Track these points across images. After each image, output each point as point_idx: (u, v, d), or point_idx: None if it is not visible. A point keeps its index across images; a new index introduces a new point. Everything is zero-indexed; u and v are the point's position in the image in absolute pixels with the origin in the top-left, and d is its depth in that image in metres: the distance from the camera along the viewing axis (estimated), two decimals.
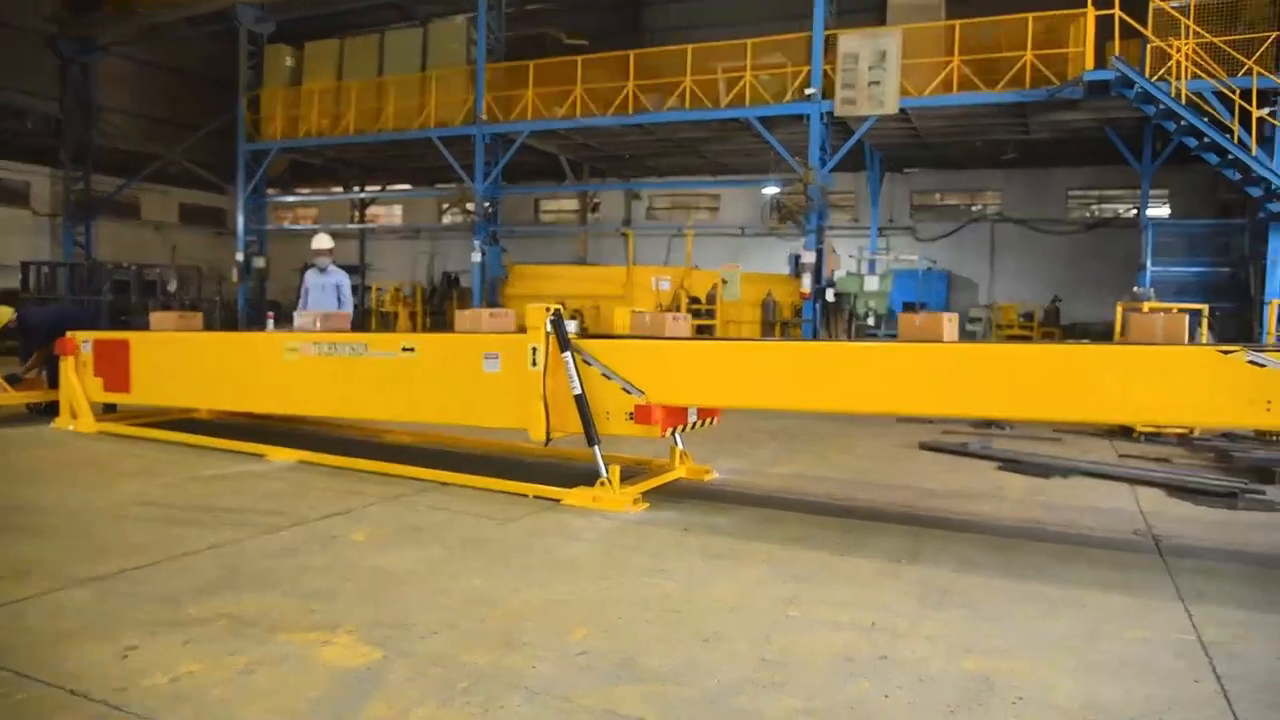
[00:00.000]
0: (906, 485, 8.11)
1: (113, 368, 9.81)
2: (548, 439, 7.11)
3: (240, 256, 24.36)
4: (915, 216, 24.96)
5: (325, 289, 10.80)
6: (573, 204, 28.93)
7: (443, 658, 3.94)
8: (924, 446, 10.18)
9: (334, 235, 11.50)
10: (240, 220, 24.43)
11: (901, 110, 16.98)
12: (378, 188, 29.77)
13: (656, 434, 6.81)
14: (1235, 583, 5.43)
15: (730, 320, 18.34)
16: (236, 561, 5.28)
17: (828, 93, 17.38)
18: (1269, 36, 14.46)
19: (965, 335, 21.11)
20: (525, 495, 7.05)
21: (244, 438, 9.17)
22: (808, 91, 17.56)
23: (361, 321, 22.56)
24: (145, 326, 10.75)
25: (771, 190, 19.05)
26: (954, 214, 24.84)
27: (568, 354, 6.93)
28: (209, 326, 13.49)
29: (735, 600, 4.82)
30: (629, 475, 7.46)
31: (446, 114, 21.25)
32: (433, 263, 25.09)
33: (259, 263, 24.37)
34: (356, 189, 29.05)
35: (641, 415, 6.71)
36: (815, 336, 17.07)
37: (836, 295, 17.41)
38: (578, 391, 6.88)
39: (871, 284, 17.20)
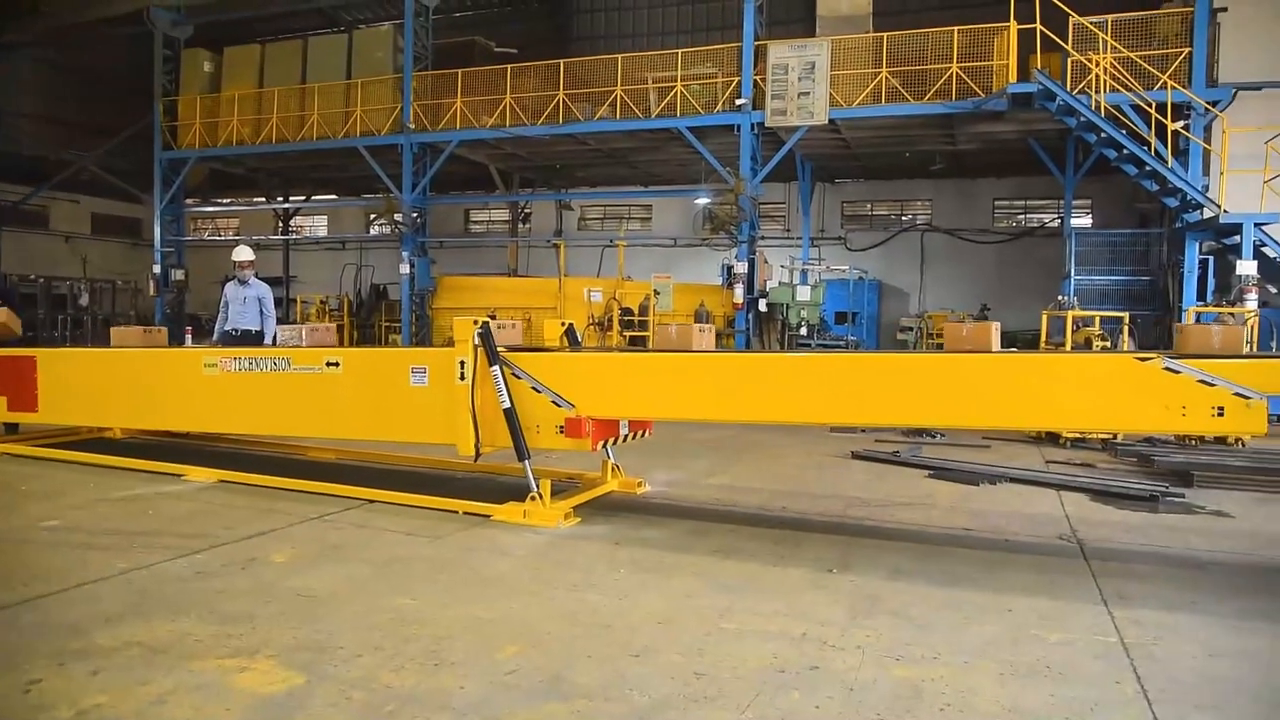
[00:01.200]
0: (838, 494, 8.16)
1: (17, 385, 9.38)
2: (477, 454, 6.99)
3: (157, 269, 23.61)
4: (846, 226, 25.33)
5: (246, 302, 10.51)
6: (503, 214, 28.73)
7: (367, 680, 3.82)
8: (856, 456, 10.28)
9: (257, 247, 11.23)
10: (157, 231, 23.69)
11: (831, 121, 17.21)
12: (302, 198, 29.20)
13: (587, 447, 6.74)
14: (1155, 584, 5.55)
15: None
16: (149, 586, 5.06)
17: (758, 103, 17.53)
18: (1182, 52, 15.00)
19: (896, 344, 21.49)
20: (455, 511, 6.92)
21: (159, 457, 8.84)
22: (738, 102, 17.69)
23: None
24: (56, 343, 10.32)
25: (703, 200, 19.14)
26: (884, 224, 25.28)
27: (496, 368, 6.82)
28: None
29: (666, 613, 4.77)
30: (560, 489, 7.38)
31: (373, 122, 20.93)
32: (360, 275, 24.64)
33: (177, 275, 23.65)
34: (280, 199, 28.43)
35: (572, 428, 6.64)
36: (748, 347, 17.17)
37: (769, 305, 17.54)
38: (507, 405, 6.77)
39: (803, 294, 17.37)
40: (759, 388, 6.35)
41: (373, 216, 28.87)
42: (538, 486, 6.75)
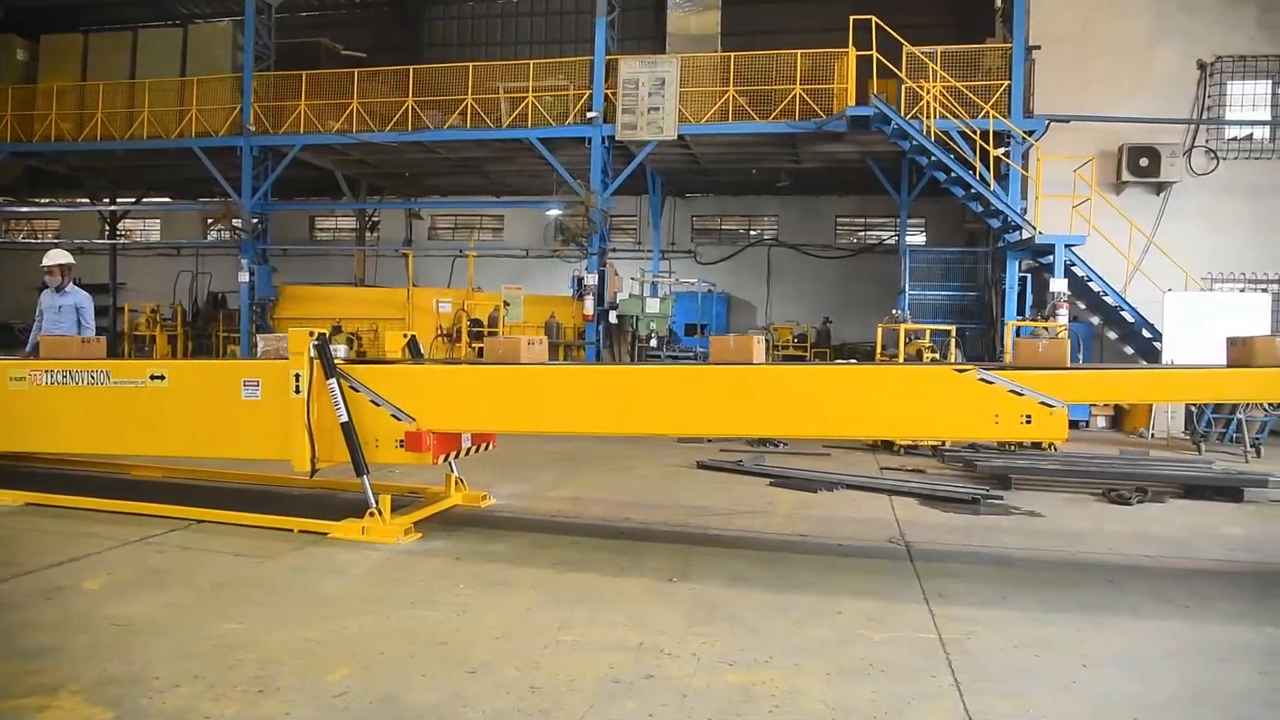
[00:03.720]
0: (681, 504, 8.31)
1: None
2: (313, 470, 6.76)
3: None
4: (696, 240, 25.87)
5: (63, 311, 9.79)
6: (350, 222, 27.85)
7: (184, 712, 3.63)
8: (701, 466, 10.49)
9: (79, 251, 10.49)
10: None
11: (681, 137, 17.57)
12: (132, 199, 27.46)
13: (428, 461, 6.63)
14: (973, 582, 5.91)
15: None
16: None
17: (609, 117, 17.70)
18: (1002, 84, 16.07)
19: None
20: (290, 530, 6.67)
21: None
22: (589, 115, 17.81)
23: (112, 346, 20.67)
24: None
25: (555, 212, 19.15)
26: (733, 238, 25.94)
27: (333, 380, 6.63)
28: None
29: (505, 628, 4.74)
30: (402, 505, 7.23)
31: (210, 123, 19.95)
32: (196, 282, 23.42)
33: None
34: (106, 200, 26.65)
35: (412, 442, 6.51)
36: (598, 358, 17.28)
37: (619, 317, 17.71)
38: (344, 419, 6.59)
39: (653, 306, 17.61)
40: (602, 400, 6.41)
41: (210, 221, 27.50)
42: (377, 502, 6.59)
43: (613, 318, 17.63)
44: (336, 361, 6.79)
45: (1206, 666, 4.48)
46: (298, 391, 6.70)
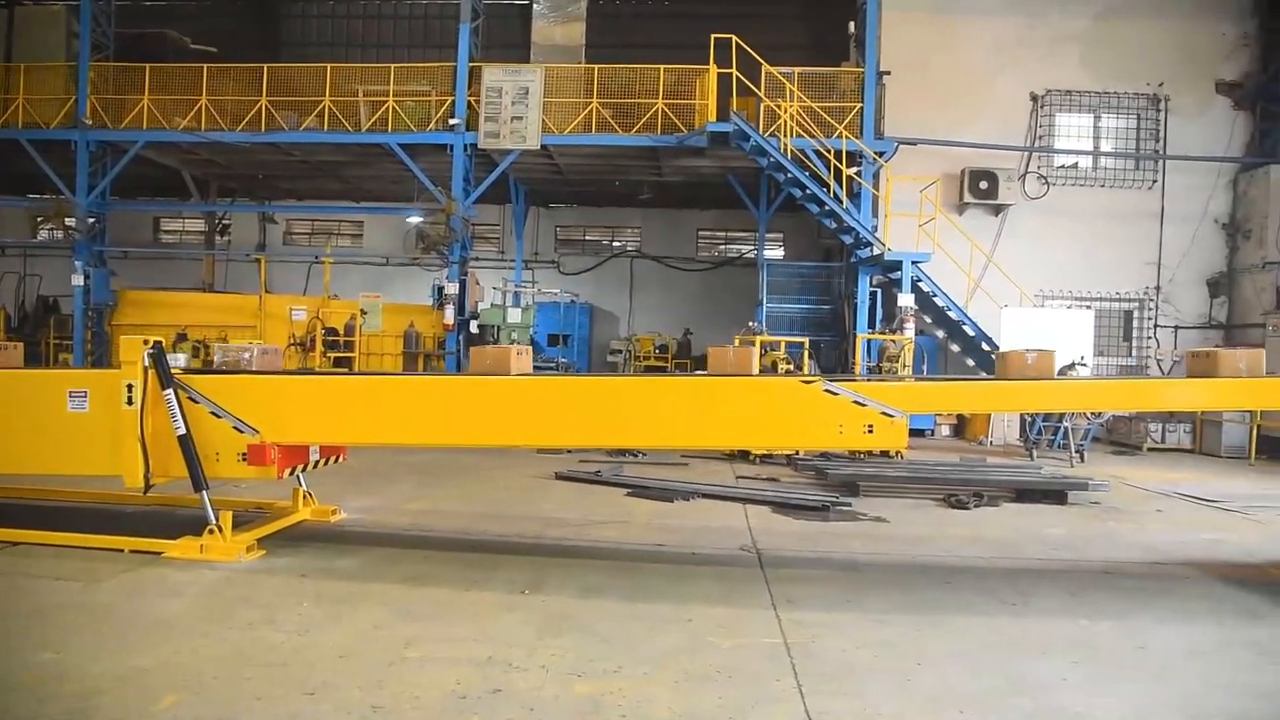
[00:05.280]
0: (538, 515, 8.27)
1: None
2: (147, 486, 6.40)
3: None
4: (560, 250, 25.82)
5: None
6: (199, 225, 26.52)
7: None
8: (559, 476, 10.47)
9: None
10: None
11: (544, 147, 17.52)
12: None
13: (273, 475, 6.37)
14: (819, 586, 6.11)
15: (371, 353, 17.77)
16: None
17: (472, 124, 17.49)
18: (855, 107, 16.74)
19: (606, 366, 22.16)
20: (120, 550, 6.30)
21: None
22: (451, 122, 17.57)
23: None
24: None
25: (415, 219, 18.77)
26: (596, 249, 26.01)
27: (170, 391, 6.30)
28: None
29: (349, 646, 4.61)
30: (246, 520, 6.94)
31: (40, 114, 18.61)
32: (23, 285, 21.83)
33: None
34: None
35: (255, 455, 6.25)
36: (459, 369, 17.03)
37: (480, 327, 17.50)
38: (182, 431, 6.27)
39: (515, 316, 17.48)
40: (457, 411, 6.32)
41: (40, 220, 25.70)
42: (217, 518, 6.29)
43: (474, 327, 17.42)
44: (174, 371, 6.46)
45: (1028, 658, 4.77)
46: (130, 403, 6.34)
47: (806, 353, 15.24)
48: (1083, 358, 14.45)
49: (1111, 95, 18.32)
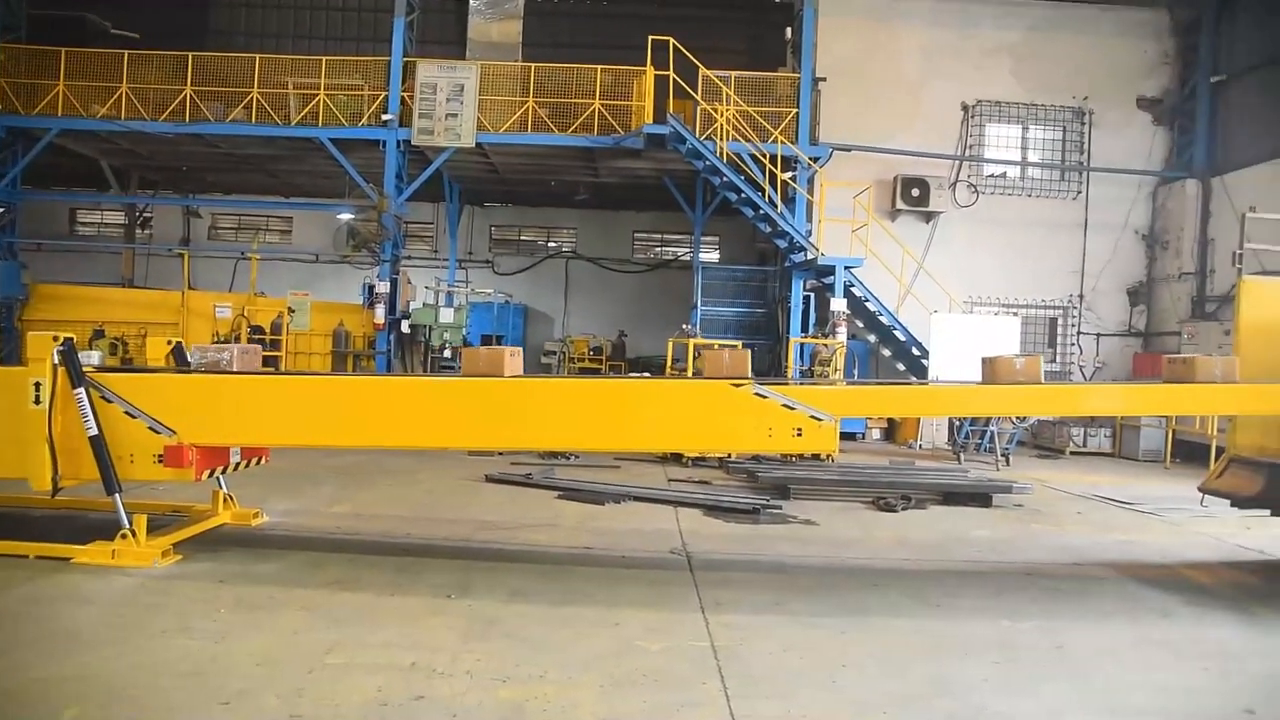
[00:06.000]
0: (467, 518, 8.15)
1: None
2: (55, 489, 6.13)
3: None
4: (494, 250, 25.57)
5: None
6: (119, 218, 25.65)
7: None
8: (490, 479, 10.33)
9: None
10: None
11: (479, 145, 17.33)
12: None
13: (190, 477, 6.15)
14: (747, 589, 6.12)
15: (299, 352, 17.36)
16: None
17: (405, 121, 17.23)
18: (790, 112, 16.90)
19: (541, 368, 22.02)
20: (25, 556, 6.01)
21: None
22: (384, 117, 17.28)
23: None
24: None
25: (346, 216, 18.42)
26: (531, 249, 25.82)
27: (81, 390, 6.04)
28: None
29: (268, 653, 4.47)
30: (163, 524, 6.71)
31: None
32: None
33: None
34: None
35: (172, 457, 6.03)
36: (389, 368, 16.75)
37: (412, 327, 17.23)
38: (94, 432, 6.02)
39: (447, 316, 17.24)
40: (382, 412, 6.19)
41: None
42: (130, 523, 6.06)
43: (405, 327, 17.14)
44: (86, 369, 6.20)
45: (951, 659, 4.83)
46: (38, 402, 6.07)
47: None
48: None
49: (1039, 107, 18.79)
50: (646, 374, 18.00)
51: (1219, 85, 17.95)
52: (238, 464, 6.70)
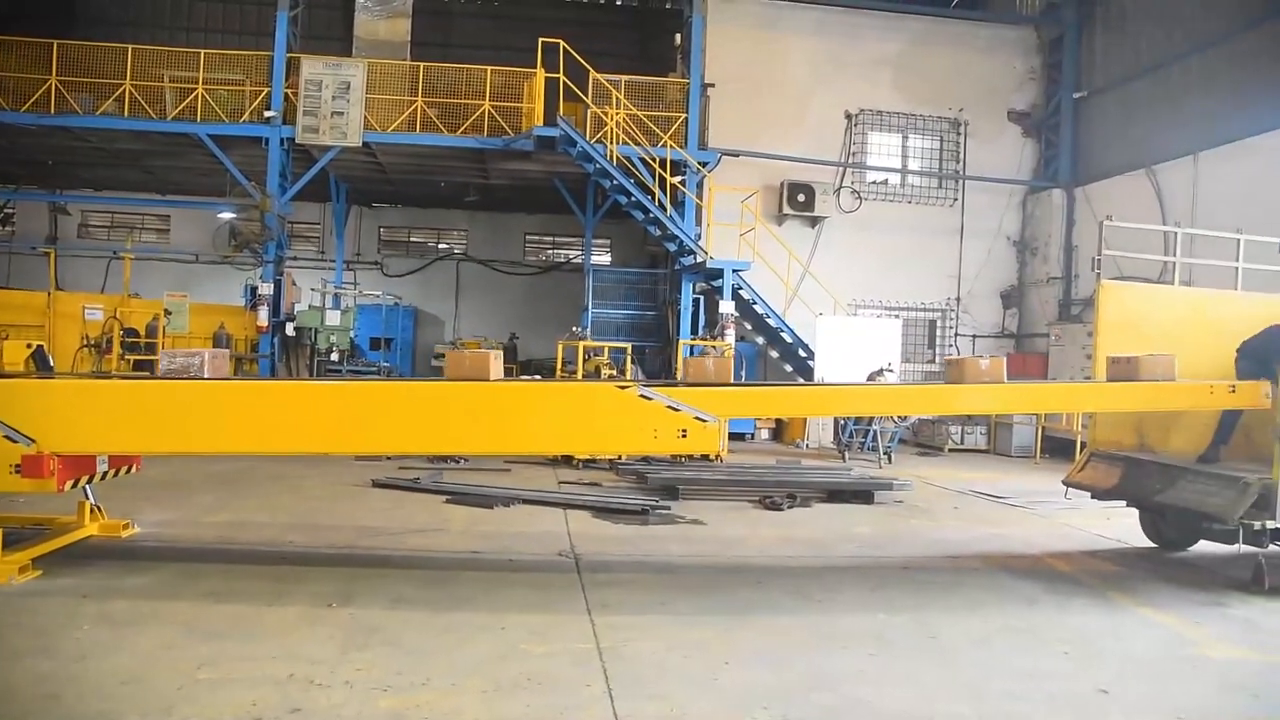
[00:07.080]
0: (351, 524, 7.99)
1: None
2: None
3: None
4: (384, 252, 25.07)
5: None
6: None
7: None
8: (376, 484, 10.14)
9: None
10: None
11: (366, 144, 16.96)
12: None
13: (52, 488, 5.83)
14: (634, 590, 6.18)
15: None
16: None
17: (289, 118, 16.74)
18: (680, 117, 17.10)
19: (431, 371, 21.68)
20: None
21: None
22: (267, 114, 16.75)
23: None
24: None
25: (227, 215, 17.78)
26: (421, 251, 25.41)
27: None
28: None
29: (134, 671, 4.29)
30: (22, 538, 6.35)
31: None
32: None
33: None
34: None
35: (31, 467, 5.70)
36: (274, 372, 16.24)
37: (297, 329, 16.76)
38: None
39: (334, 318, 16.82)
40: (261, 418, 6.00)
41: None
42: None
43: (290, 330, 16.65)
44: None
45: (830, 653, 4.98)
46: None
47: (629, 358, 15.42)
48: (890, 364, 15.30)
49: (919, 117, 19.49)
50: (537, 376, 17.97)
51: (1081, 101, 18.98)
52: (105, 473, 6.39)
